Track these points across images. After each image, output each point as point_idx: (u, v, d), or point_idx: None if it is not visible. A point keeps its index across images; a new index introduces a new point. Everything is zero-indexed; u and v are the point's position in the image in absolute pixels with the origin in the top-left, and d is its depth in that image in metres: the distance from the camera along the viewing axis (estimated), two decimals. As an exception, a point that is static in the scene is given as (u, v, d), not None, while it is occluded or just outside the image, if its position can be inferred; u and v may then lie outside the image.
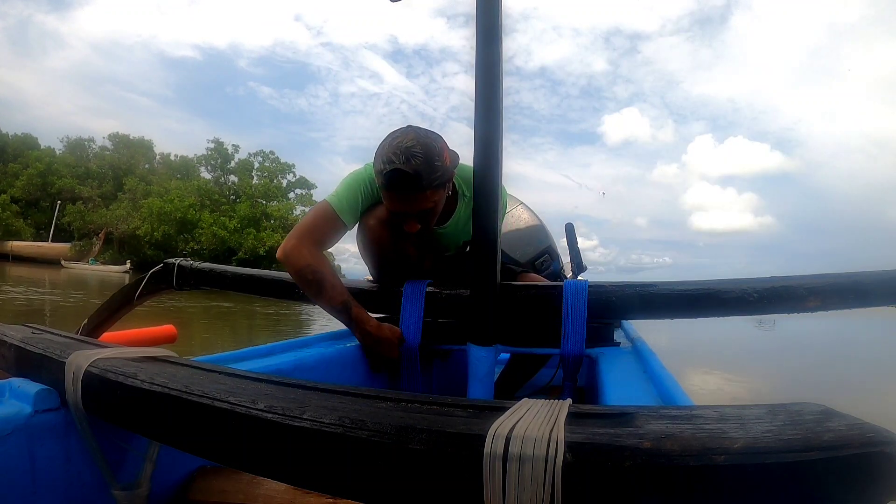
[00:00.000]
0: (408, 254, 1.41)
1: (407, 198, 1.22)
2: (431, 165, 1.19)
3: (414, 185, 1.19)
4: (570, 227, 2.64)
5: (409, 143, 1.19)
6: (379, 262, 1.43)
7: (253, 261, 32.14)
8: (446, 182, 1.27)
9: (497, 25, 1.11)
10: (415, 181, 1.18)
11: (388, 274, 1.44)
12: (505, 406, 0.46)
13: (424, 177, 1.18)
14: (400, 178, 1.18)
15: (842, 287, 1.07)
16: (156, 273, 1.69)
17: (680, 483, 0.35)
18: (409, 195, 1.21)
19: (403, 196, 1.22)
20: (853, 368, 9.06)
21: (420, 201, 1.23)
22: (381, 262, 1.43)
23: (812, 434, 0.36)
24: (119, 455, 0.73)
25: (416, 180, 1.18)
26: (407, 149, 1.18)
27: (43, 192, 37.64)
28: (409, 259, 1.43)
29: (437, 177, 1.21)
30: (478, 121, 1.13)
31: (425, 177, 1.19)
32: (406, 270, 1.42)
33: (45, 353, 0.72)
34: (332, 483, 0.46)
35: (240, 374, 0.65)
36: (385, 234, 1.36)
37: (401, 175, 1.17)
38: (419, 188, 1.20)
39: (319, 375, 1.13)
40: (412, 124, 1.29)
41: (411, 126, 1.27)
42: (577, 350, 1.17)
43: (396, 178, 1.18)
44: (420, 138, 1.21)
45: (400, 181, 1.18)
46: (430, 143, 1.21)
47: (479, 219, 1.14)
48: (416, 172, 1.17)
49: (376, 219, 1.36)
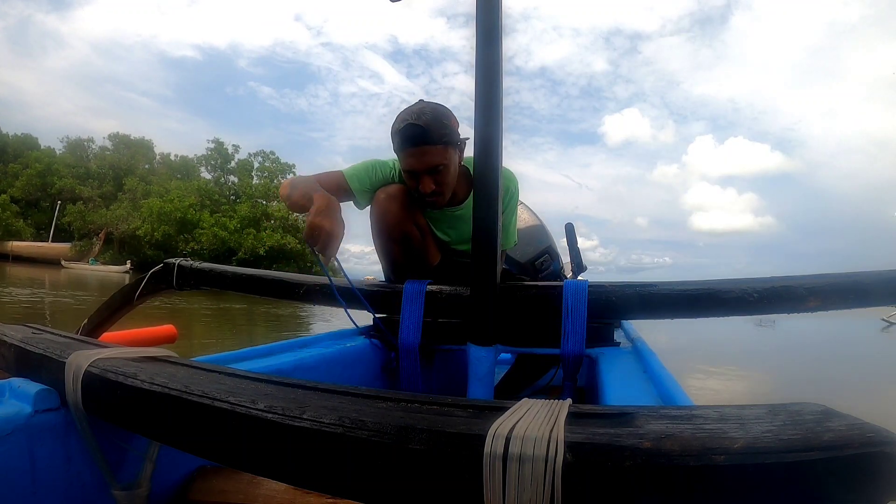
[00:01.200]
0: (412, 231, 1.47)
1: (420, 151, 1.36)
2: (440, 122, 1.36)
3: (425, 137, 1.34)
4: (570, 227, 2.64)
5: (419, 106, 1.39)
6: (384, 236, 1.47)
7: (253, 261, 32.16)
8: (455, 144, 1.41)
9: (497, 25, 1.11)
10: (426, 133, 1.33)
11: (394, 252, 1.47)
12: (505, 406, 0.46)
13: (434, 131, 1.34)
14: (412, 131, 1.34)
15: (842, 287, 1.07)
16: (156, 273, 1.69)
17: (680, 483, 0.35)
18: (421, 148, 1.35)
19: (417, 150, 1.36)
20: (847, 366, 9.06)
21: (432, 155, 1.36)
22: (387, 236, 1.46)
23: (812, 434, 0.36)
24: (119, 455, 0.73)
25: (426, 133, 1.33)
26: (418, 109, 1.37)
27: (43, 193, 37.66)
28: (413, 240, 1.47)
29: (447, 133, 1.36)
30: (478, 121, 1.13)
31: (435, 131, 1.34)
32: (411, 252, 1.47)
33: (45, 353, 0.72)
34: (332, 483, 0.46)
35: (240, 374, 0.65)
36: (392, 207, 1.44)
37: (413, 128, 1.33)
38: (430, 141, 1.34)
39: (319, 375, 1.13)
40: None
41: (421, 99, 1.44)
42: (577, 350, 1.17)
43: (409, 132, 1.34)
44: (428, 104, 1.40)
45: (413, 134, 1.34)
46: (438, 107, 1.40)
47: (479, 219, 1.14)
48: (427, 126, 1.34)
49: (386, 193, 1.45)
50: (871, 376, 7.61)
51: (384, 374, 1.40)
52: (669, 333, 8.89)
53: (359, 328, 1.51)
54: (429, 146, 1.35)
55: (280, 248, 34.44)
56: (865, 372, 8.02)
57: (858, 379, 7.40)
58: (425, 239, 1.52)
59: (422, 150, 1.35)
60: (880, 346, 14.16)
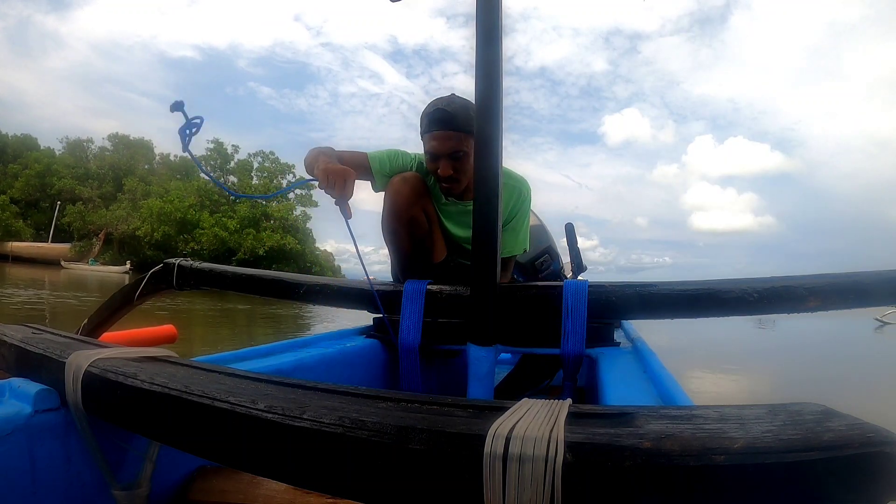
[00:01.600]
0: (420, 217, 1.49)
1: (445, 135, 1.43)
2: (467, 112, 1.41)
3: (452, 121, 1.42)
4: (569, 227, 2.64)
5: (450, 97, 1.49)
6: (393, 217, 1.48)
7: (253, 261, 32.13)
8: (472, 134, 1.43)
9: (497, 25, 1.11)
10: (452, 119, 1.42)
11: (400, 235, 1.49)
12: (505, 406, 0.46)
13: (460, 118, 1.42)
14: (441, 115, 1.43)
15: (842, 287, 1.07)
16: (156, 273, 1.69)
17: (680, 483, 0.35)
18: (446, 132, 1.43)
19: (442, 133, 1.43)
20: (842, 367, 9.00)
21: (454, 141, 1.43)
22: (395, 216, 1.48)
23: (812, 434, 0.36)
24: (119, 455, 0.73)
25: (453, 118, 1.42)
26: (449, 98, 1.48)
27: (42, 193, 37.64)
28: (419, 226, 1.50)
29: (471, 124, 1.36)
30: (478, 121, 1.13)
31: (461, 118, 1.42)
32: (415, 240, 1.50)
33: (45, 353, 0.72)
34: (332, 483, 0.46)
35: (240, 374, 0.65)
36: (404, 189, 1.47)
37: (442, 112, 1.43)
38: (456, 126, 1.43)
39: (319, 375, 1.13)
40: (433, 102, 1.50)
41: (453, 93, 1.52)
42: (577, 350, 1.17)
43: (438, 115, 1.43)
44: (460, 97, 1.49)
45: (440, 118, 1.43)
46: (468, 101, 1.45)
47: (479, 219, 1.14)
48: (455, 112, 1.42)
49: (401, 177, 1.50)
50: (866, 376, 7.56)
51: (384, 374, 1.40)
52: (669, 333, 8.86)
53: (359, 328, 1.51)
54: (453, 131, 1.43)
55: (280, 248, 34.44)
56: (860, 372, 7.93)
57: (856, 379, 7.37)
58: (432, 229, 1.55)
59: (446, 134, 1.43)
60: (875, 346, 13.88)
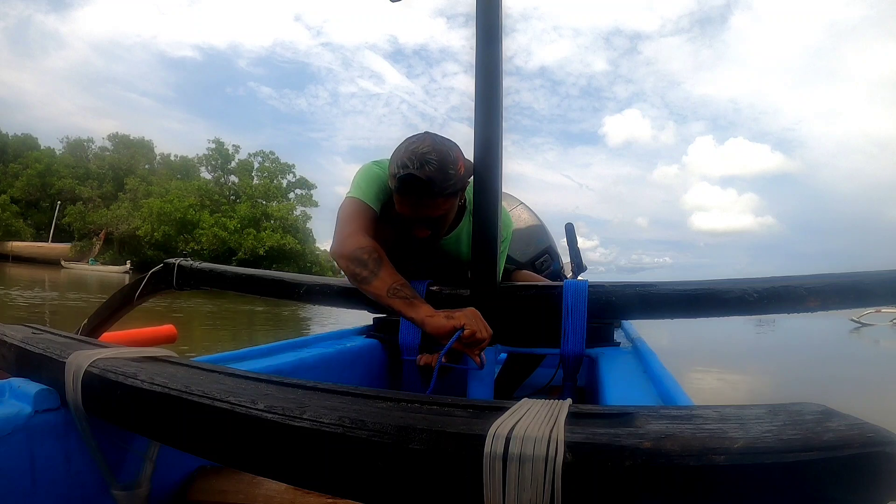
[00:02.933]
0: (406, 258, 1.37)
1: (418, 203, 1.22)
2: (445, 173, 1.18)
3: (426, 190, 1.18)
4: (569, 227, 2.64)
5: (424, 148, 1.19)
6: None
7: (253, 261, 32.14)
8: (458, 191, 1.25)
9: (497, 25, 1.12)
10: (427, 187, 1.17)
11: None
12: (505, 406, 0.46)
13: (437, 184, 1.17)
14: (413, 183, 1.17)
15: (842, 287, 1.07)
16: (156, 273, 1.69)
17: (680, 483, 0.35)
18: (420, 200, 1.21)
19: (415, 201, 1.21)
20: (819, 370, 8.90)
21: (430, 208, 1.22)
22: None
23: (812, 434, 0.36)
24: (119, 455, 0.73)
25: (428, 186, 1.17)
26: (422, 154, 1.18)
27: (43, 193, 37.66)
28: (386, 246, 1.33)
29: (450, 185, 1.20)
30: (478, 121, 1.13)
31: (438, 184, 1.18)
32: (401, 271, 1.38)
33: (45, 354, 0.72)
34: (332, 483, 0.46)
35: (240, 374, 0.65)
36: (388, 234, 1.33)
37: (414, 180, 1.16)
38: (431, 194, 1.19)
39: (319, 375, 1.13)
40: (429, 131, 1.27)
41: (428, 133, 1.26)
42: (577, 350, 1.17)
43: (409, 183, 1.17)
44: (436, 145, 1.20)
45: (413, 186, 1.18)
46: (446, 151, 1.20)
47: (479, 219, 1.15)
48: (429, 179, 1.16)
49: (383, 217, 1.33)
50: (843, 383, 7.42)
51: (384, 374, 1.40)
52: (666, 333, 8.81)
53: (359, 328, 1.51)
54: (428, 199, 1.21)
55: (280, 248, 34.46)
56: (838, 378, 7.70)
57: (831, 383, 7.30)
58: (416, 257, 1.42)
59: (420, 203, 1.22)
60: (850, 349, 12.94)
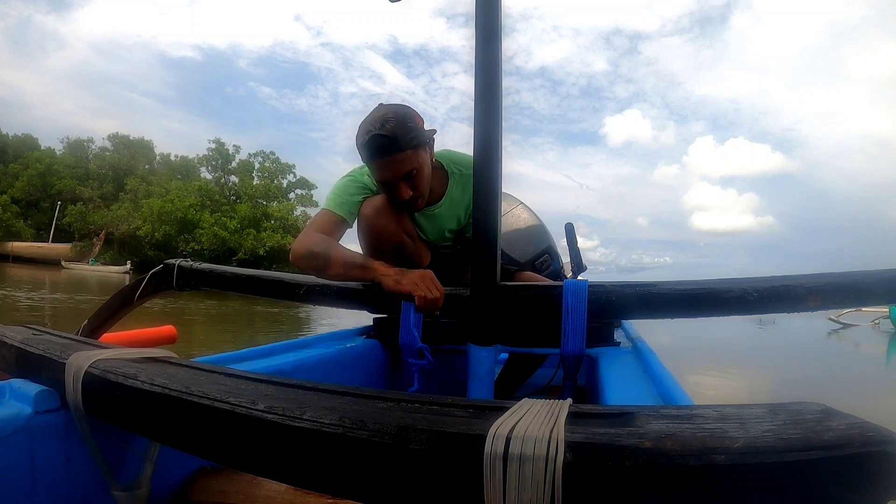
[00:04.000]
0: (403, 240, 1.45)
1: (391, 161, 1.31)
2: (405, 126, 1.30)
3: (393, 145, 1.28)
4: (569, 227, 2.64)
5: (380, 112, 1.32)
6: (375, 249, 1.45)
7: (253, 261, 32.14)
8: (424, 143, 1.36)
9: (497, 25, 1.11)
10: (393, 142, 1.28)
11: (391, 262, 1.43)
12: (505, 406, 0.46)
13: (401, 137, 1.28)
14: (379, 141, 1.28)
15: (842, 287, 1.07)
16: (156, 273, 1.69)
17: (680, 483, 0.35)
18: (391, 157, 1.30)
19: (388, 160, 1.30)
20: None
21: (403, 162, 1.31)
22: (378, 249, 1.45)
23: (812, 433, 0.36)
24: (119, 455, 0.73)
25: (394, 141, 1.28)
26: (380, 117, 1.30)
27: (43, 193, 37.66)
28: (405, 248, 1.45)
29: (413, 137, 1.31)
30: (478, 121, 1.13)
31: (402, 137, 1.29)
32: (403, 259, 1.44)
33: (45, 354, 0.72)
34: (332, 483, 0.46)
35: (240, 374, 0.65)
36: (381, 221, 1.42)
37: (379, 139, 1.27)
38: (399, 148, 1.29)
39: (319, 376, 1.13)
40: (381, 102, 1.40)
41: (381, 103, 1.37)
42: (577, 350, 1.17)
43: (376, 143, 1.28)
44: (390, 107, 1.33)
45: (380, 145, 1.28)
46: (401, 110, 1.33)
47: (479, 219, 1.14)
48: (393, 134, 1.28)
49: (372, 207, 1.43)
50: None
51: (384, 375, 1.41)
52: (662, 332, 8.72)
53: (359, 328, 1.51)
54: (399, 153, 1.30)
55: (280, 248, 34.43)
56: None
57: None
58: (416, 243, 1.51)
59: (392, 159, 1.30)
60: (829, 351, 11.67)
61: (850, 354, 11.31)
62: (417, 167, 1.34)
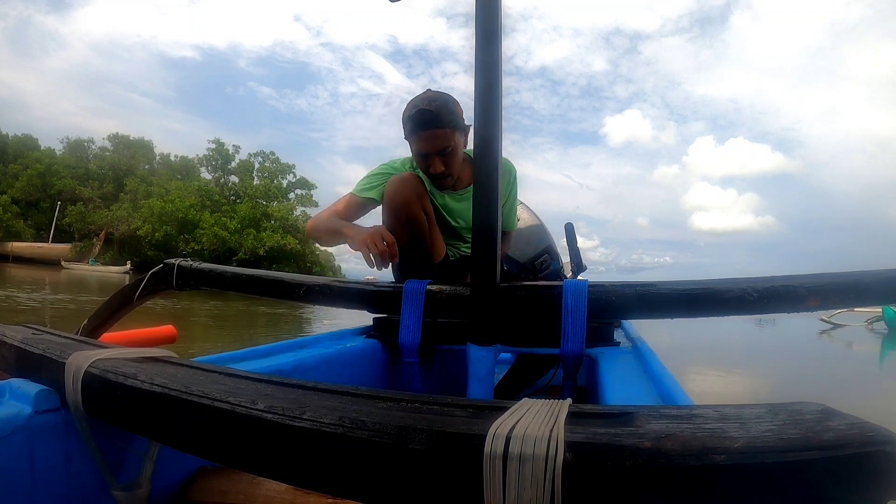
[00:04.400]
0: (419, 216, 1.53)
1: (431, 135, 1.50)
2: (448, 108, 1.50)
3: (436, 120, 1.48)
4: (569, 227, 2.65)
5: (428, 94, 1.54)
6: (392, 217, 1.53)
7: (253, 261, 32.17)
8: (461, 129, 1.55)
9: (497, 25, 1.11)
10: (436, 117, 1.48)
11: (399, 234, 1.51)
12: (505, 406, 0.46)
13: (443, 115, 1.48)
14: (424, 115, 1.48)
15: (842, 286, 1.07)
16: (156, 273, 1.69)
17: (680, 482, 0.35)
18: (432, 131, 1.49)
19: (429, 133, 1.49)
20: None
21: (441, 139, 1.50)
22: (394, 217, 1.52)
23: (812, 433, 0.36)
24: (119, 455, 0.73)
25: (437, 117, 1.48)
26: (428, 97, 1.52)
27: (43, 193, 37.65)
28: (418, 225, 1.53)
29: (454, 118, 1.51)
30: (478, 121, 1.13)
31: (444, 115, 1.48)
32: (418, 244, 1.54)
33: (45, 354, 0.72)
34: (332, 483, 0.46)
35: (240, 374, 0.65)
36: (400, 190, 1.52)
37: (424, 113, 1.48)
38: (440, 124, 1.48)
39: (319, 375, 1.13)
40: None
41: (429, 88, 1.58)
42: (577, 350, 1.16)
43: (421, 116, 1.48)
44: (437, 92, 1.55)
45: (424, 119, 1.48)
46: (445, 95, 1.54)
47: (479, 219, 1.14)
48: (437, 111, 1.48)
49: (400, 178, 1.55)
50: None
51: (384, 374, 1.40)
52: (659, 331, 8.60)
53: (359, 328, 1.51)
54: (438, 129, 1.48)
55: (280, 248, 34.45)
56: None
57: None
58: (431, 228, 1.58)
59: (432, 133, 1.49)
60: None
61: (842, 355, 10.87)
62: (452, 146, 1.52)
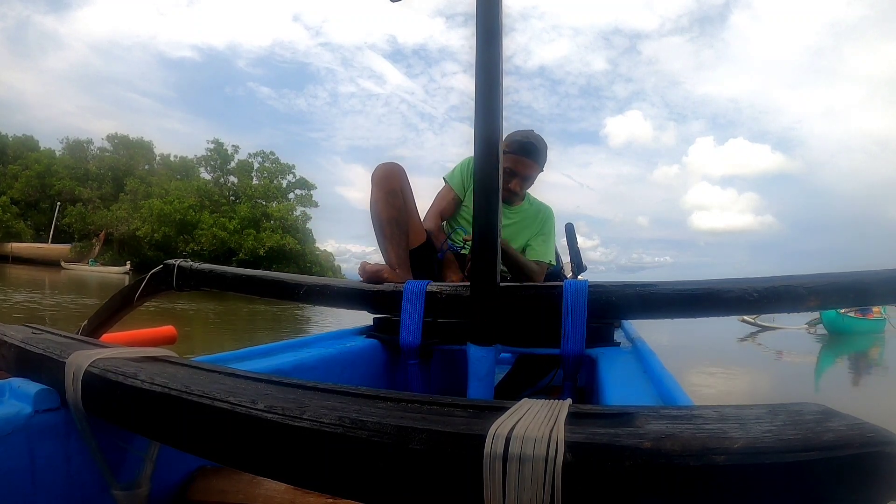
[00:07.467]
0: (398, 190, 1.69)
1: (526, 162, 1.91)
2: (544, 150, 1.96)
3: (535, 153, 1.91)
4: (569, 227, 2.65)
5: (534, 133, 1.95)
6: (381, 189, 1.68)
7: (253, 261, 32.15)
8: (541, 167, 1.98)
9: (497, 25, 1.11)
10: (536, 151, 1.91)
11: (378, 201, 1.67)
12: (505, 406, 0.46)
13: (541, 152, 1.94)
14: (531, 146, 1.89)
15: (842, 286, 1.07)
16: (156, 274, 1.69)
17: (680, 483, 0.35)
18: (527, 160, 1.90)
19: (524, 159, 1.90)
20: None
21: (530, 168, 1.93)
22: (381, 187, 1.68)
23: (812, 434, 0.36)
24: (119, 455, 0.73)
25: (537, 151, 1.92)
26: (535, 135, 1.94)
27: (42, 194, 37.64)
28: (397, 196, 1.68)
29: (543, 159, 1.97)
30: (478, 121, 1.13)
31: (541, 152, 1.94)
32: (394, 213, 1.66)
33: (45, 354, 0.72)
34: (332, 483, 0.46)
35: (240, 374, 0.65)
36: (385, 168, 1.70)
37: (532, 145, 1.90)
38: (535, 157, 1.92)
39: (319, 375, 1.13)
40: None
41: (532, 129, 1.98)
42: (577, 350, 1.16)
43: (529, 146, 1.89)
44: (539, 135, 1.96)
45: (530, 148, 1.90)
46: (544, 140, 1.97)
47: (479, 219, 1.14)
48: (539, 147, 1.92)
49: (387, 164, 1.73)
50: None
51: (384, 374, 1.40)
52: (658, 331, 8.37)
53: (359, 328, 1.51)
54: (532, 160, 1.91)
55: (280, 248, 34.43)
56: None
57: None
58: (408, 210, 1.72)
59: (529, 162, 1.91)
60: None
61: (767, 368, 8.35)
62: (532, 177, 1.96)
